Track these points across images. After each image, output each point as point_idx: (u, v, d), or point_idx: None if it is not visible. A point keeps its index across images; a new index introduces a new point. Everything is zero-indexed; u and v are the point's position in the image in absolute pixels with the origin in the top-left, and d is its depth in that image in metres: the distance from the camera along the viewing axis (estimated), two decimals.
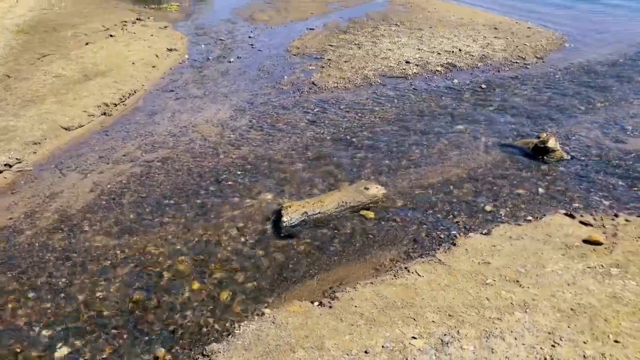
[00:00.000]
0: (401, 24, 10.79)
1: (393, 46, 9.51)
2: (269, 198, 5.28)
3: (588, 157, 5.80)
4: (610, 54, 8.91)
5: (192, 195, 5.34)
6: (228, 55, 9.46)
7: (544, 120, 6.72)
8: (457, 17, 11.07)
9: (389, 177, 5.60)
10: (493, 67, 8.54)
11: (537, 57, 8.91)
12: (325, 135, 6.50)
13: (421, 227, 4.76)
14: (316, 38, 10.16)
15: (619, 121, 6.58)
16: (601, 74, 8.09)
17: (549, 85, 7.77)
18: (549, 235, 4.45)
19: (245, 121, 6.92)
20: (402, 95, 7.59)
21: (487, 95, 7.52)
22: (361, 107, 7.26)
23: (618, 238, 4.34)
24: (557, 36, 9.86)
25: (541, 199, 5.11)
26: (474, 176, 5.55)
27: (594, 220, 4.63)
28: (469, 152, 6.04)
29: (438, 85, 7.95)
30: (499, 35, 9.91)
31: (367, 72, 8.41)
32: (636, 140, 6.12)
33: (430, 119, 6.87)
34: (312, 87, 7.95)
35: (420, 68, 8.54)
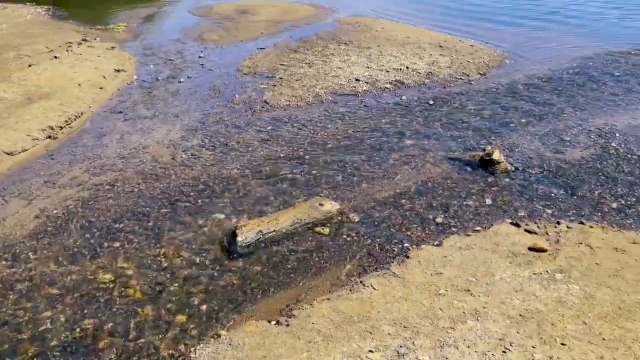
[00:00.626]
0: (350, 43, 11.02)
1: (343, 64, 9.70)
2: (223, 218, 5.23)
3: (530, 168, 6.07)
4: (548, 70, 9.39)
5: (144, 218, 5.23)
6: (178, 75, 9.38)
7: (489, 134, 6.99)
8: (404, 36, 11.40)
9: (343, 192, 5.67)
10: (439, 84, 8.83)
11: (480, 73, 9.28)
12: (279, 153, 6.52)
13: (375, 241, 4.83)
14: (267, 57, 10.23)
15: (558, 133, 6.92)
16: (540, 89, 8.51)
17: (492, 100, 8.11)
18: (497, 244, 4.61)
19: (197, 141, 6.86)
20: (353, 112, 7.73)
21: (435, 110, 7.76)
22: (314, 124, 7.34)
23: (561, 244, 4.55)
24: (498, 53, 10.32)
25: (489, 210, 5.30)
26: (424, 189, 5.70)
27: (538, 228, 4.83)
28: (419, 166, 6.20)
29: (387, 101, 8.14)
30: (444, 53, 10.27)
31: (319, 90, 8.52)
32: (574, 150, 6.46)
33: (381, 134, 7.02)
34: (264, 105, 7.98)
35: (370, 85, 8.73)
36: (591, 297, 3.87)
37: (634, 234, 4.73)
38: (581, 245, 4.53)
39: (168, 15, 14.57)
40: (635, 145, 6.50)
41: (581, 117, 7.39)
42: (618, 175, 5.85)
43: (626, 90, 8.31)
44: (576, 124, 7.18)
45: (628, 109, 7.62)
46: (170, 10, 15.12)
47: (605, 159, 6.22)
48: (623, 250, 4.45)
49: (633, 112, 7.52)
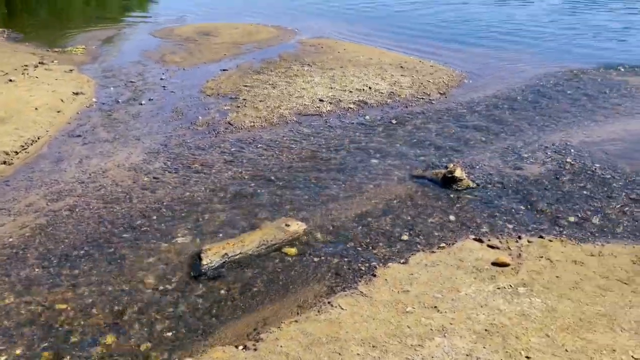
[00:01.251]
0: (313, 64, 11.13)
1: (307, 85, 9.78)
2: (187, 241, 5.14)
3: (491, 184, 6.22)
4: (505, 89, 9.70)
5: (104, 244, 5.09)
6: (139, 97, 9.26)
7: (451, 152, 7.14)
8: (366, 57, 11.60)
9: (309, 212, 5.66)
10: (401, 103, 9.00)
11: (440, 93, 9.51)
12: (244, 175, 6.48)
13: (342, 261, 4.83)
14: (230, 79, 10.22)
15: (516, 150, 7.13)
16: (498, 107, 8.77)
17: (453, 118, 8.30)
18: (461, 260, 4.68)
19: (160, 164, 6.76)
20: (318, 132, 7.78)
21: (398, 129, 7.89)
22: (278, 145, 7.34)
23: (522, 258, 4.66)
24: (457, 73, 10.61)
25: (452, 226, 5.38)
26: (390, 207, 5.75)
27: (500, 243, 4.93)
28: (384, 184, 6.27)
29: (351, 121, 8.23)
30: (405, 73, 10.49)
31: (283, 110, 8.55)
32: (532, 166, 6.66)
33: (346, 154, 7.08)
34: (228, 127, 7.94)
35: (333, 106, 8.81)
36: (553, 310, 3.95)
37: (591, 247, 4.88)
38: (542, 258, 4.65)
39: (128, 37, 14.42)
40: (589, 161, 6.75)
41: (537, 134, 7.64)
42: (574, 190, 6.05)
43: (579, 108, 8.66)
44: (533, 140, 7.42)
45: (581, 126, 7.93)
46: (130, 33, 14.98)
47: (561, 174, 6.43)
48: (582, 263, 4.58)
49: (586, 128, 7.83)
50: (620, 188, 6.09)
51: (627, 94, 9.23)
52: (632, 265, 4.57)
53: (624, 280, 4.34)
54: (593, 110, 8.52)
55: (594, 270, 4.47)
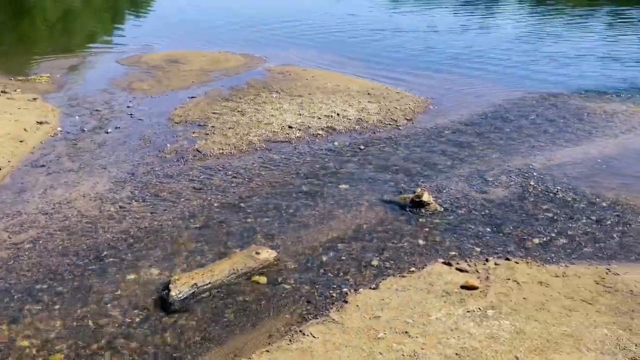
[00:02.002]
0: (282, 91, 11.23)
1: (275, 112, 9.84)
2: (155, 272, 5.05)
3: (458, 208, 6.34)
4: (469, 114, 9.97)
5: (69, 277, 4.95)
6: (105, 125, 9.14)
7: (418, 176, 7.26)
8: (334, 84, 11.78)
9: (280, 239, 5.65)
10: (369, 129, 9.13)
11: (407, 119, 9.70)
12: (213, 202, 6.44)
13: (314, 288, 4.82)
14: (198, 106, 10.21)
15: (481, 174, 7.30)
16: (463, 132, 9.00)
17: (420, 144, 8.47)
18: (431, 284, 4.73)
19: (127, 193, 6.65)
20: (287, 159, 7.81)
21: (366, 155, 7.99)
22: (248, 172, 7.33)
23: (490, 281, 4.74)
24: (423, 99, 10.86)
25: (422, 250, 5.45)
26: (360, 233, 5.79)
27: (468, 267, 5.01)
28: (354, 210, 6.31)
29: (320, 147, 8.30)
30: (372, 100, 10.68)
31: (252, 137, 8.57)
32: (496, 190, 6.82)
33: (315, 180, 7.12)
34: (196, 154, 7.90)
35: (302, 132, 8.88)
36: (521, 332, 4.02)
37: (556, 268, 5.01)
38: (509, 281, 4.74)
39: (94, 65, 14.27)
40: (551, 184, 6.97)
41: (501, 158, 7.85)
42: (538, 212, 6.22)
43: (540, 132, 8.95)
44: (497, 165, 7.62)
45: (543, 150, 8.19)
46: (97, 61, 14.83)
47: (525, 197, 6.61)
48: (547, 284, 4.69)
49: (547, 152, 8.09)
50: (582, 210, 6.29)
51: (585, 119, 9.60)
52: (596, 286, 4.70)
53: (588, 301, 4.45)
54: (554, 135, 8.82)
55: (559, 291, 4.58)
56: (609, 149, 8.16)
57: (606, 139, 8.59)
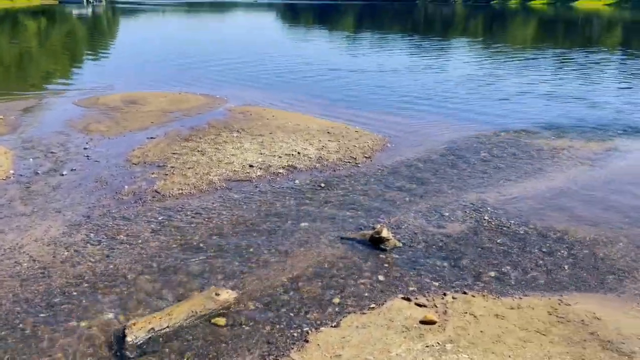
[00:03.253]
0: (242, 131, 11.32)
1: (236, 151, 9.88)
2: (110, 318, 4.90)
3: (417, 243, 6.46)
4: (425, 151, 10.28)
5: (19, 326, 4.74)
6: (60, 168, 8.95)
7: (377, 213, 7.39)
8: (294, 124, 11.96)
9: (240, 280, 5.60)
10: (329, 167, 9.28)
11: (365, 156, 9.91)
12: (172, 244, 6.35)
13: (274, 328, 4.78)
14: (158, 146, 10.15)
15: (438, 209, 7.50)
16: (419, 169, 9.25)
17: (378, 181, 8.65)
18: (391, 320, 4.77)
19: (82, 236, 6.49)
20: (248, 198, 7.82)
21: (327, 193, 8.09)
22: (208, 212, 7.29)
23: (448, 315, 4.82)
24: (380, 137, 11.14)
25: (382, 286, 5.50)
26: (321, 271, 5.81)
27: (427, 301, 5.09)
28: (315, 248, 6.34)
29: (281, 186, 8.35)
30: (332, 138, 10.89)
31: (212, 177, 8.56)
32: (453, 224, 7.01)
33: (276, 219, 7.13)
34: (155, 195, 7.82)
35: (263, 171, 8.93)
36: None
37: (511, 300, 5.15)
38: (466, 314, 4.83)
39: (50, 106, 14.05)
40: (505, 218, 7.21)
41: (457, 194, 8.09)
42: (492, 246, 6.41)
43: (492, 168, 9.30)
44: (453, 200, 7.84)
45: (496, 185, 8.50)
46: (53, 102, 14.61)
47: (480, 231, 6.81)
48: (503, 317, 4.80)
49: (500, 187, 8.39)
50: (534, 242, 6.52)
51: (534, 155, 10.05)
52: (549, 316, 4.84)
53: (542, 331, 4.58)
54: (505, 170, 9.18)
55: (514, 323, 4.70)
56: (557, 184, 8.54)
57: (554, 174, 8.99)
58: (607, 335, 4.57)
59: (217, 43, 34.54)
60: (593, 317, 4.84)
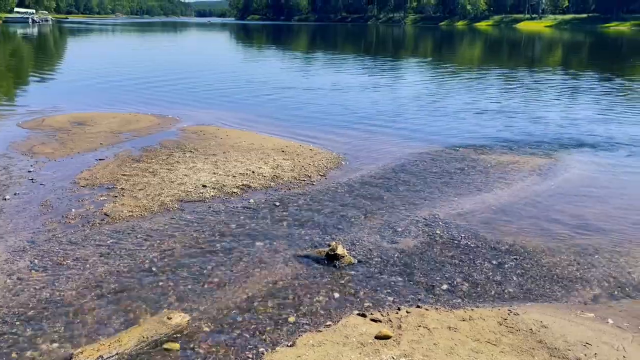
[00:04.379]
0: (195, 151, 11.18)
1: (189, 172, 9.74)
2: (55, 347, 4.69)
3: (371, 259, 6.52)
4: (378, 169, 10.44)
5: None
6: (3, 192, 8.56)
7: (332, 230, 7.42)
8: (248, 143, 11.92)
9: (194, 302, 5.49)
10: (284, 186, 9.28)
11: (320, 174, 9.97)
12: (122, 268, 6.16)
13: (229, 350, 4.69)
14: (107, 168, 9.89)
15: (392, 225, 7.61)
16: (374, 186, 9.38)
17: (333, 198, 8.70)
18: (347, 336, 4.78)
19: (26, 263, 6.21)
20: (202, 219, 7.70)
21: (282, 211, 8.07)
22: (159, 234, 7.13)
23: (403, 329, 4.87)
24: (335, 155, 11.25)
25: (337, 303, 5.51)
26: (276, 290, 5.76)
27: (381, 316, 5.13)
28: (270, 267, 6.30)
29: (236, 205, 8.28)
30: (287, 157, 10.91)
31: (164, 198, 8.39)
32: (406, 239, 7.12)
33: (231, 239, 7.05)
34: (104, 218, 7.59)
35: (217, 191, 8.84)
36: None
37: (463, 312, 5.25)
38: (420, 327, 4.90)
39: None
40: (456, 231, 7.39)
41: (410, 210, 8.24)
42: (444, 259, 6.54)
43: (443, 184, 9.54)
44: (406, 216, 7.98)
45: (446, 200, 8.71)
46: None
47: (432, 245, 6.95)
48: (455, 329, 4.89)
49: (450, 202, 8.61)
50: (484, 255, 6.70)
51: (482, 170, 10.38)
52: (499, 327, 4.97)
53: (493, 342, 4.69)
54: (455, 185, 9.43)
55: (467, 335, 4.79)
56: (504, 197, 8.84)
57: (501, 188, 9.31)
58: (554, 343, 4.73)
59: (169, 63, 34.20)
60: (541, 326, 5.00)
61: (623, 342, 4.83)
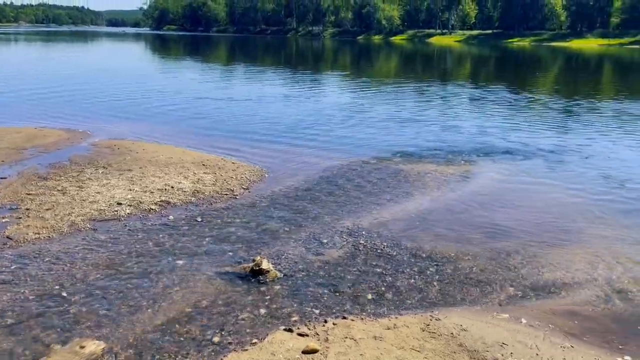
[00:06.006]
0: (109, 167, 10.63)
1: (102, 189, 9.23)
2: None
3: (297, 272, 6.47)
4: (302, 181, 10.44)
5: None
6: None
7: (257, 245, 7.30)
8: (167, 157, 11.52)
9: (109, 327, 5.15)
10: (206, 201, 9.02)
11: (243, 188, 9.81)
12: (27, 295, 5.68)
13: None
14: (10, 187, 9.14)
15: (317, 237, 7.61)
16: (298, 198, 9.36)
17: (257, 212, 8.58)
18: (273, 353, 4.68)
19: None
20: (116, 238, 7.30)
21: (204, 227, 7.83)
22: (70, 256, 6.67)
23: (329, 342, 4.84)
24: (258, 168, 11.13)
25: (264, 320, 5.40)
26: (199, 309, 5.55)
27: (308, 330, 5.08)
28: (192, 286, 6.07)
29: (154, 223, 7.93)
30: (208, 171, 10.64)
31: (74, 218, 7.87)
32: (331, 251, 7.15)
33: (149, 258, 6.73)
34: (6, 241, 6.99)
35: (133, 208, 8.43)
36: None
37: (387, 320, 5.33)
38: (347, 339, 4.90)
39: None
40: (379, 240, 7.52)
41: (334, 221, 8.29)
42: (368, 269, 6.63)
43: (365, 194, 9.71)
44: (330, 227, 8.02)
45: (369, 210, 8.86)
46: None
47: (357, 255, 7.02)
48: (381, 338, 4.95)
49: (373, 211, 8.76)
50: (406, 262, 6.86)
51: (402, 179, 10.68)
52: (422, 333, 5.08)
53: (417, 348, 4.78)
54: (377, 195, 9.63)
55: (392, 343, 4.85)
56: (424, 205, 9.14)
57: (420, 196, 9.62)
58: (473, 345, 4.90)
59: (80, 74, 32.49)
60: (461, 329, 5.18)
61: (535, 340, 5.10)
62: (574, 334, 5.32)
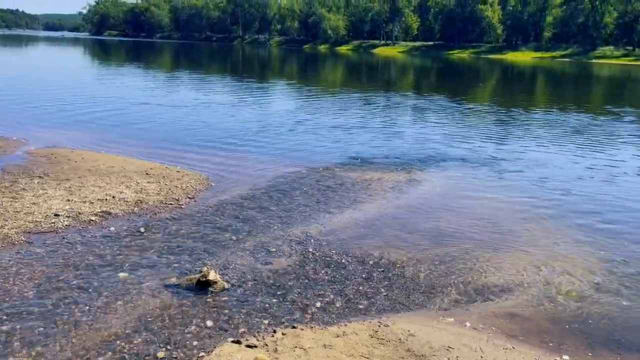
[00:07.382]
0: (46, 176, 10.13)
1: (38, 199, 8.77)
2: None
3: (245, 283, 6.38)
4: (250, 189, 10.33)
5: None
6: None
7: (204, 255, 7.14)
8: (108, 166, 11.10)
9: (45, 347, 4.89)
10: (149, 211, 8.75)
11: (189, 197, 9.59)
12: None
13: None
14: None
15: (265, 246, 7.54)
16: (245, 207, 9.24)
17: (203, 221, 8.40)
18: None
19: None
20: (54, 251, 6.95)
21: (147, 238, 7.59)
22: (4, 271, 6.29)
23: (279, 352, 4.79)
24: (204, 177, 10.92)
25: (211, 332, 5.27)
26: (143, 324, 5.36)
27: (257, 341, 5.01)
28: (136, 299, 5.85)
29: (94, 235, 7.62)
30: (152, 180, 10.34)
31: (7, 231, 7.44)
32: (280, 259, 7.10)
33: (89, 272, 6.44)
34: None
35: (72, 219, 8.06)
36: None
37: (336, 328, 5.33)
38: (296, 349, 4.86)
39: None
40: (327, 248, 7.54)
41: (282, 229, 8.24)
42: (317, 277, 6.63)
43: (313, 202, 9.72)
44: (279, 235, 7.97)
45: (317, 217, 8.88)
46: None
47: (306, 263, 7.00)
48: (330, 346, 4.94)
49: (321, 219, 8.79)
50: (354, 270, 6.91)
51: (349, 187, 10.78)
52: (371, 339, 5.12)
53: (366, 355, 4.81)
54: (325, 203, 9.67)
55: (341, 351, 4.86)
56: (370, 212, 9.26)
57: (367, 204, 9.74)
58: (421, 350, 4.99)
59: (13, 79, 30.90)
60: (408, 335, 5.26)
61: (480, 342, 5.25)
62: (515, 336, 5.51)
